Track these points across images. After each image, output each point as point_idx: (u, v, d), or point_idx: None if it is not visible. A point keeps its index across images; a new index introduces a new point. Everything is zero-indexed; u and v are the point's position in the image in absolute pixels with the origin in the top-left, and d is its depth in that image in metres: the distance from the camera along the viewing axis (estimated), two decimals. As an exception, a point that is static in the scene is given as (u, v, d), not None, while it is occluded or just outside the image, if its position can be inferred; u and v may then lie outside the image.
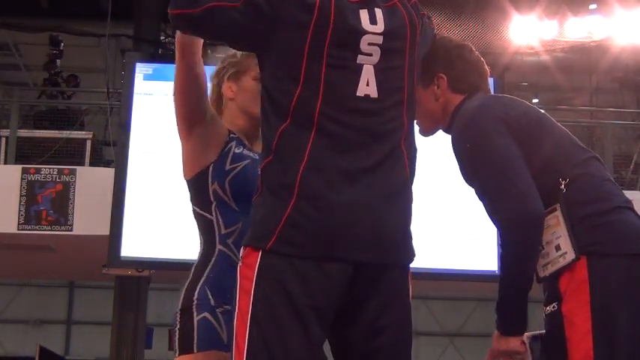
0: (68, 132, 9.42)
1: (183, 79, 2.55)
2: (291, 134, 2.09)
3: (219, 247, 2.59)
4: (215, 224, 2.59)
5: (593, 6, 9.71)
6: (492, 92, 2.72)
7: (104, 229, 7.68)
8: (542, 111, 2.60)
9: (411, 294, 2.22)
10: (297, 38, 2.10)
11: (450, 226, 7.74)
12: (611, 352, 2.28)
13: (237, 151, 2.63)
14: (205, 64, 2.67)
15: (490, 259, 7.58)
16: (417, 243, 2.22)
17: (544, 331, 2.47)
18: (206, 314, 2.51)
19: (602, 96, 13.28)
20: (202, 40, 2.51)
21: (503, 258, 2.39)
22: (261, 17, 2.11)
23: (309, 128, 2.09)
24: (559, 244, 2.38)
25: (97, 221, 7.98)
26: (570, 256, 2.35)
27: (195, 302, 2.53)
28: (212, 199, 2.59)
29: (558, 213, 2.39)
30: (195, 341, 2.48)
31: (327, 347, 2.32)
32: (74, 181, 8.44)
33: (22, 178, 8.42)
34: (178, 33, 2.50)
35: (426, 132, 2.65)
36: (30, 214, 8.35)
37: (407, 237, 2.20)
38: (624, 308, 2.31)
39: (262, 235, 2.08)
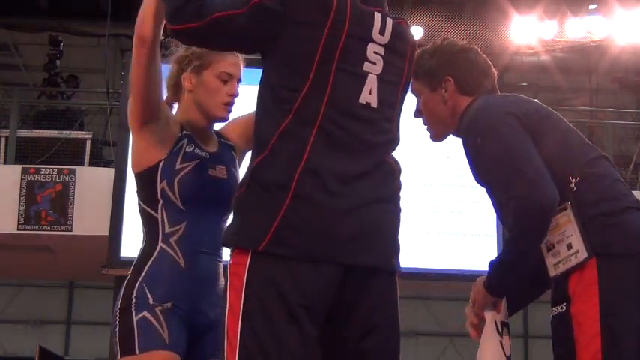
0: (68, 132, 9.42)
1: (143, 74, 2.48)
2: (292, 133, 2.08)
3: (161, 244, 2.55)
4: (160, 222, 2.55)
5: (592, 6, 9.72)
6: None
7: (104, 230, 7.68)
8: (551, 109, 2.59)
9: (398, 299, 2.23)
10: (310, 39, 2.09)
11: (450, 226, 7.75)
12: (619, 354, 2.27)
13: (188, 149, 2.58)
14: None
15: (490, 259, 7.58)
16: (418, 243, 2.23)
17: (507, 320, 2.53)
18: (145, 313, 2.45)
19: (601, 96, 13.28)
20: (161, 29, 2.45)
21: (510, 240, 2.41)
22: (272, 18, 2.09)
23: (310, 128, 2.08)
24: (570, 242, 2.37)
25: (97, 221, 7.98)
26: (582, 254, 2.35)
27: (133, 301, 2.48)
28: (159, 197, 2.55)
29: (569, 211, 2.38)
30: (136, 342, 2.43)
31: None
32: (74, 182, 8.44)
33: (21, 179, 8.42)
34: (139, 19, 2.44)
35: (437, 137, 2.66)
36: (30, 215, 8.35)
37: (397, 245, 2.20)
38: (633, 310, 2.30)
39: (254, 234, 2.05)
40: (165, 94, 2.68)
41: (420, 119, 2.66)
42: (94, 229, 8.14)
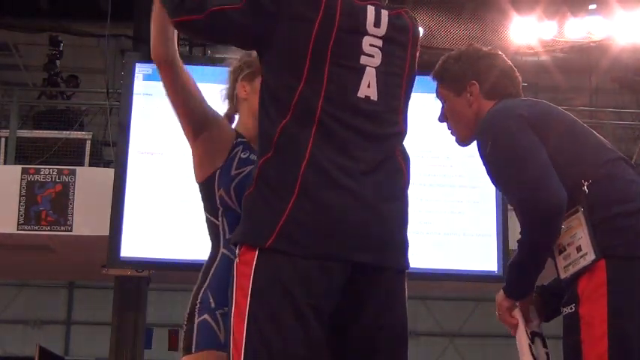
0: (68, 132, 9.41)
1: (173, 92, 2.58)
2: (292, 131, 2.09)
3: (222, 250, 2.62)
4: (221, 229, 2.62)
5: (592, 6, 9.70)
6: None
7: (104, 230, 7.67)
8: (566, 112, 2.60)
9: (407, 298, 2.23)
10: (301, 35, 2.10)
11: (450, 226, 7.74)
12: (626, 356, 2.27)
13: (243, 156, 2.64)
14: (204, 64, 2.68)
15: (490, 260, 7.57)
16: (418, 243, 2.23)
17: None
18: (205, 316, 2.56)
19: (601, 96, 13.28)
20: (173, 41, 2.51)
21: (520, 241, 2.43)
22: (264, 15, 2.11)
23: (310, 125, 2.08)
24: (580, 245, 2.38)
25: (97, 221, 7.97)
26: (590, 256, 2.35)
27: (197, 306, 2.59)
28: (219, 204, 2.62)
29: (580, 214, 2.39)
30: (194, 342, 2.55)
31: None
32: (74, 182, 8.43)
33: (21, 179, 8.41)
34: (151, 50, 2.51)
35: (463, 141, 2.69)
36: (29, 215, 8.34)
37: (405, 242, 2.21)
38: None
39: (261, 232, 2.06)
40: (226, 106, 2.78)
41: (438, 124, 2.71)
42: (93, 229, 8.13)
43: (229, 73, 2.77)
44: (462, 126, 2.65)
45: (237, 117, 2.80)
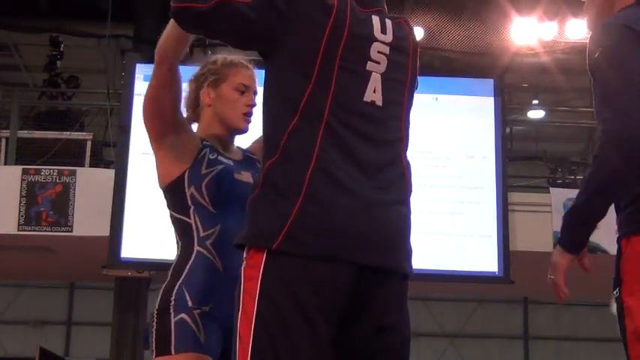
0: (68, 133, 9.41)
1: (160, 89, 2.58)
2: (300, 133, 2.08)
3: (197, 248, 2.61)
4: (194, 227, 2.62)
5: (593, 7, 9.70)
6: (492, 94, 2.73)
7: (104, 230, 7.68)
8: None
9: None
10: (313, 38, 2.10)
11: (450, 227, 7.74)
12: None
13: (211, 157, 2.67)
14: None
15: (490, 260, 7.57)
16: (418, 244, 2.23)
17: None
18: (183, 315, 2.51)
19: (602, 97, 13.24)
20: (186, 47, 2.53)
21: (590, 174, 2.32)
22: (275, 14, 2.09)
23: (317, 127, 2.08)
24: None
25: (97, 222, 7.97)
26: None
27: (172, 303, 2.53)
28: (190, 203, 2.63)
29: None
30: (172, 343, 2.48)
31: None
32: (74, 182, 8.43)
33: (22, 179, 8.40)
34: (162, 39, 2.51)
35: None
36: (30, 215, 8.33)
37: (409, 248, 2.21)
38: None
39: (267, 235, 2.05)
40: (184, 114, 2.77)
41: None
42: (94, 230, 8.13)
43: (190, 82, 2.77)
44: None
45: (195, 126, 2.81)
